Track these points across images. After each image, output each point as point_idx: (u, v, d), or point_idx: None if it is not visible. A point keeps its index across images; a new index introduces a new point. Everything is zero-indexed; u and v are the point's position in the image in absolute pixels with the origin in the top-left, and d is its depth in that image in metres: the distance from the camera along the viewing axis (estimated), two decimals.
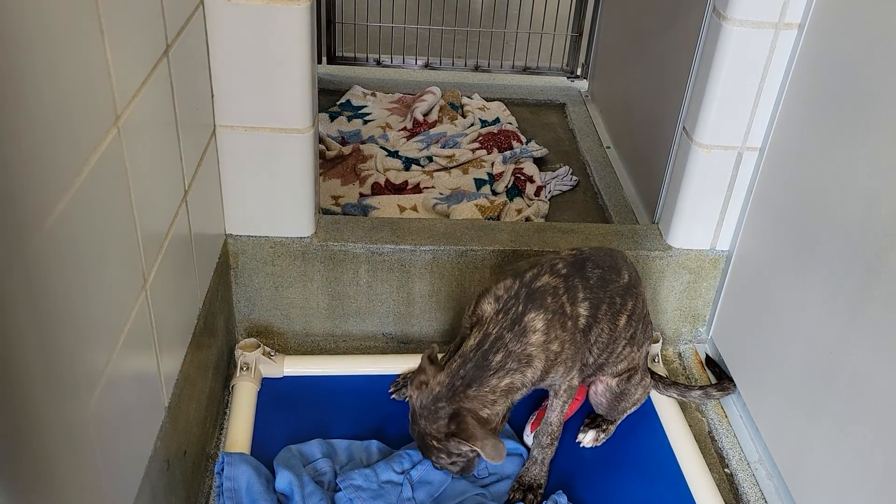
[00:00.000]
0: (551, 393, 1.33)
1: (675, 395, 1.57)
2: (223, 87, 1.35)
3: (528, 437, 1.44)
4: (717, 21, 1.44)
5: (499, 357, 1.19)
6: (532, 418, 1.47)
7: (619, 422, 1.50)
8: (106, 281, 0.86)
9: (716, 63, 1.45)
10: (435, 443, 1.20)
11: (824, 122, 1.32)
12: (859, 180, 1.22)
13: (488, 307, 1.25)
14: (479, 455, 1.21)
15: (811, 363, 1.32)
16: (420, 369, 1.24)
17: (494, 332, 1.20)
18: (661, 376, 1.58)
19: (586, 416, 1.50)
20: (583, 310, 1.27)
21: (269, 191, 1.47)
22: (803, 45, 1.39)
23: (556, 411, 1.33)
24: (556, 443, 1.36)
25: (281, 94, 1.37)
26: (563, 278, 1.26)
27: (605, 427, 1.47)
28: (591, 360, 1.33)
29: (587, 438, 1.46)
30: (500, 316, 1.22)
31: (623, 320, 1.34)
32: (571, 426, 1.49)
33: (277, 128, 1.41)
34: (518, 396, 1.23)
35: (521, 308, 1.21)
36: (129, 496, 0.95)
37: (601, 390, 1.44)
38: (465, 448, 1.19)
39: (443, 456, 1.22)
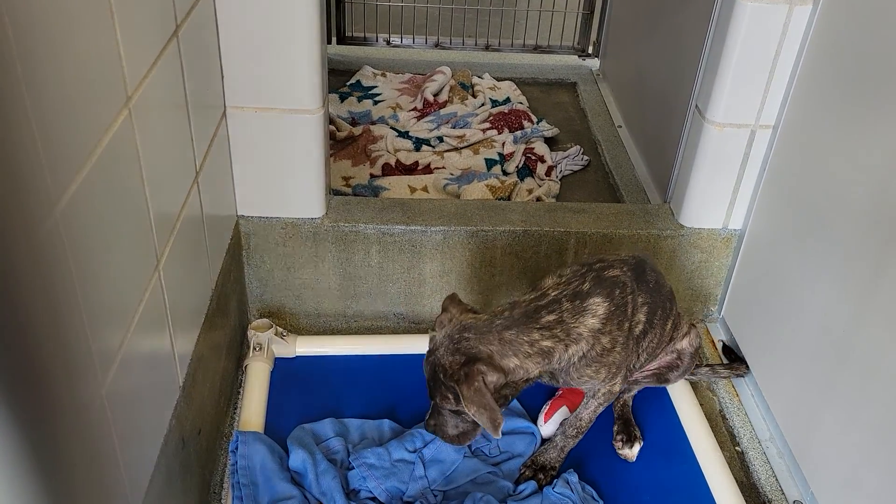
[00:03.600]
0: (589, 394, 1.30)
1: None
2: (233, 67, 1.35)
3: (542, 427, 1.43)
4: None
5: (551, 318, 1.12)
6: (545, 408, 1.46)
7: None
8: (119, 262, 0.87)
9: (729, 40, 1.43)
10: (443, 377, 1.11)
11: (838, 100, 1.30)
12: (873, 159, 1.20)
13: (550, 280, 1.20)
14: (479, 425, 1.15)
15: (823, 342, 1.31)
16: (444, 308, 1.20)
17: (553, 294, 1.15)
18: None
19: (616, 427, 1.45)
20: (642, 315, 1.23)
21: (280, 172, 1.48)
22: (818, 22, 1.37)
23: (590, 409, 1.31)
24: (580, 436, 1.35)
25: (291, 75, 1.37)
26: (631, 278, 1.22)
27: (636, 434, 1.44)
28: (637, 365, 1.31)
29: (632, 452, 1.41)
30: (563, 286, 1.17)
31: (669, 325, 1.33)
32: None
33: (288, 108, 1.41)
34: (546, 368, 1.14)
35: (587, 286, 1.16)
36: (145, 473, 0.96)
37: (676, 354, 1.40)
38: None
39: (449, 397, 1.11)
